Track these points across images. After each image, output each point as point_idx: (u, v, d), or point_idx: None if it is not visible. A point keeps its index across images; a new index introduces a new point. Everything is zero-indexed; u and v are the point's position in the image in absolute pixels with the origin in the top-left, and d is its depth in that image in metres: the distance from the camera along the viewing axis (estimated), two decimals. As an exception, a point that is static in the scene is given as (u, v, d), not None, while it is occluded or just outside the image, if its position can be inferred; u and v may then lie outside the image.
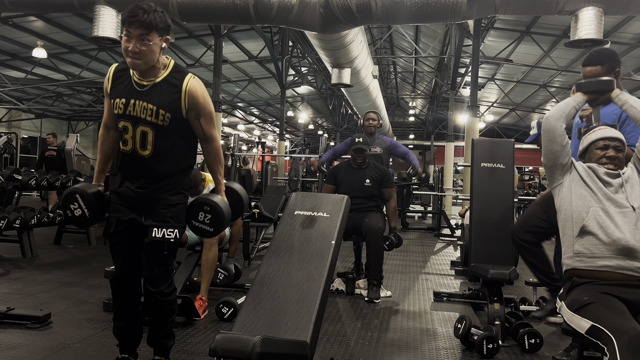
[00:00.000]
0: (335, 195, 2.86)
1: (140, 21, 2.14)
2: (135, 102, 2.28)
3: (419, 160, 5.60)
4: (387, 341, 3.32)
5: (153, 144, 2.31)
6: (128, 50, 2.19)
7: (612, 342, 1.84)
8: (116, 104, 2.31)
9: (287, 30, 14.39)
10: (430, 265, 6.49)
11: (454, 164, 16.11)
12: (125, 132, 2.32)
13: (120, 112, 2.31)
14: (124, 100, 2.29)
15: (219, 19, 6.89)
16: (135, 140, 2.31)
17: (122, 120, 2.32)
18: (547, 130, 2.46)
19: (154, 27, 2.17)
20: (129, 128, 2.31)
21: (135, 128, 2.30)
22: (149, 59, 2.21)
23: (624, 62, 12.67)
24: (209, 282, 3.83)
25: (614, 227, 2.21)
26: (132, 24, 2.15)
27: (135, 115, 2.29)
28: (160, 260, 2.36)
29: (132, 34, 2.16)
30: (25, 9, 7.87)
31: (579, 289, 2.19)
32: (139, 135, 2.30)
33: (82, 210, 2.39)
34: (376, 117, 5.32)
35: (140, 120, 2.29)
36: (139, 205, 2.37)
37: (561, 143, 2.42)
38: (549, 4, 5.79)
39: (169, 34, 2.28)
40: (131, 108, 2.28)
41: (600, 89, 2.60)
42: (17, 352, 2.82)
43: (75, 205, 2.39)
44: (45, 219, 5.93)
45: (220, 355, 2.04)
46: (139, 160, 2.34)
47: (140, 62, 2.20)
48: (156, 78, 2.30)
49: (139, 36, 2.16)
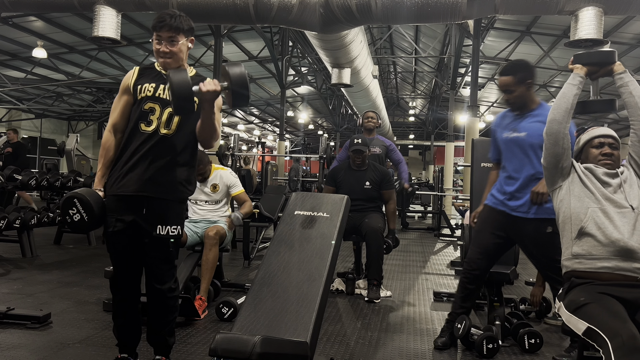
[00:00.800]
0: (335, 195, 2.86)
1: (169, 25, 2.36)
2: (165, 87, 2.43)
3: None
4: (387, 341, 3.32)
5: (178, 124, 2.42)
6: (160, 52, 2.40)
7: (607, 344, 1.84)
8: (145, 87, 2.43)
9: (287, 30, 14.40)
10: (430, 265, 6.49)
11: (454, 164, 16.12)
12: (152, 113, 2.41)
13: (149, 94, 2.42)
14: (153, 85, 2.44)
15: (218, 19, 6.90)
16: (161, 120, 2.41)
17: (149, 102, 2.42)
18: (551, 134, 2.40)
19: (180, 30, 2.39)
20: (157, 109, 2.41)
21: (164, 109, 2.41)
22: (178, 58, 2.42)
23: (624, 62, 12.65)
24: (209, 283, 3.83)
25: (612, 228, 2.20)
26: (161, 28, 2.36)
27: (165, 98, 2.41)
28: (165, 258, 2.42)
29: (162, 37, 2.38)
30: (25, 9, 7.87)
31: (577, 290, 2.19)
32: (166, 116, 2.41)
33: (81, 215, 2.39)
34: (375, 116, 5.32)
35: (169, 103, 2.38)
36: (141, 201, 2.38)
37: (563, 146, 2.40)
38: (549, 4, 5.79)
39: (193, 35, 2.48)
40: (161, 91, 2.43)
41: (602, 60, 2.47)
42: (17, 352, 2.82)
43: (74, 210, 2.38)
44: (45, 219, 5.93)
45: (220, 355, 2.04)
46: (158, 141, 2.39)
47: (171, 60, 2.41)
48: None
49: (168, 38, 2.38)
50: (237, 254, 6.33)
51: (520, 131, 3.02)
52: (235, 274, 5.28)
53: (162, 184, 2.39)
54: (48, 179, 6.24)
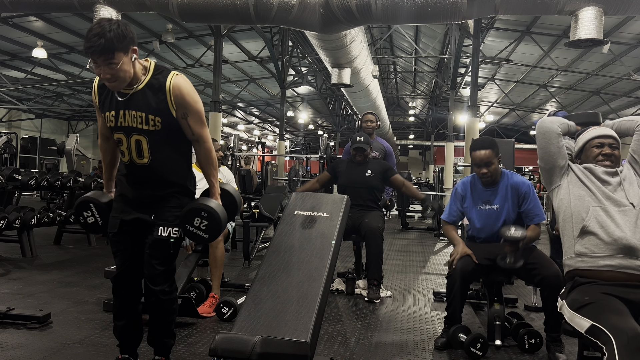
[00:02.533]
0: (335, 195, 2.86)
1: (99, 50, 2.07)
2: (124, 112, 2.25)
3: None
4: (387, 341, 3.32)
5: (150, 152, 2.29)
6: (101, 77, 2.18)
7: (611, 342, 1.84)
8: (107, 117, 2.30)
9: (287, 30, 14.40)
10: (430, 265, 6.49)
11: (454, 164, 16.10)
12: (121, 144, 2.32)
13: (112, 125, 2.30)
14: (113, 113, 2.28)
15: (218, 19, 6.90)
16: (131, 150, 2.30)
17: (115, 133, 2.31)
18: (543, 133, 2.47)
19: (115, 49, 2.09)
20: (123, 139, 2.30)
21: (129, 138, 2.28)
22: (123, 78, 2.17)
23: (623, 62, 12.70)
24: (220, 280, 3.88)
25: (614, 227, 2.21)
26: (93, 53, 2.09)
27: (127, 126, 2.27)
28: (163, 259, 2.37)
29: (98, 62, 2.12)
30: (25, 9, 7.87)
31: (580, 289, 2.19)
32: (134, 145, 2.29)
33: (95, 219, 2.46)
34: (374, 119, 5.28)
35: (132, 130, 2.27)
36: (146, 204, 2.38)
37: (557, 145, 2.43)
38: (549, 4, 5.79)
39: (134, 43, 2.19)
40: (122, 119, 2.26)
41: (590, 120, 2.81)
42: (17, 352, 2.82)
43: (89, 213, 2.46)
44: (45, 219, 5.93)
45: (220, 355, 2.04)
46: (139, 170, 2.35)
47: (116, 83, 2.18)
48: (139, 85, 2.25)
49: (104, 62, 2.11)
50: (237, 254, 6.33)
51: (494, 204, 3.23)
52: (235, 274, 5.28)
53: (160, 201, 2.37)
54: (48, 179, 6.24)
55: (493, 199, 3.23)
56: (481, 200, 3.26)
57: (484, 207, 3.25)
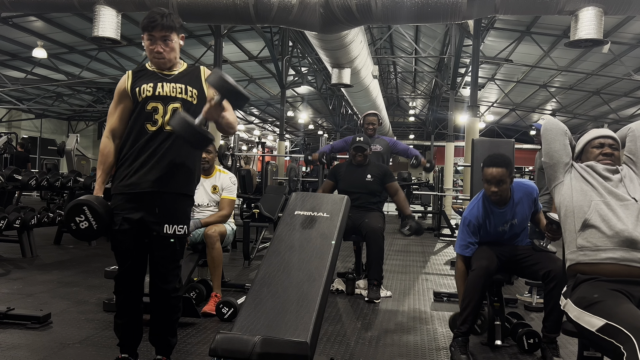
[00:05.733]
0: (335, 195, 2.86)
1: (162, 25, 2.35)
2: (163, 84, 2.42)
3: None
4: (387, 341, 3.32)
5: None
6: (154, 52, 2.39)
7: (631, 341, 1.80)
8: (143, 89, 2.41)
9: (287, 30, 14.39)
10: (430, 265, 6.49)
11: (454, 164, 16.11)
12: (156, 113, 2.41)
13: (148, 95, 2.40)
14: (151, 84, 2.42)
15: (219, 19, 6.90)
16: (165, 118, 2.39)
17: (151, 102, 2.41)
18: (549, 129, 2.48)
19: (173, 28, 2.39)
20: (160, 108, 2.40)
21: (166, 106, 2.40)
22: (172, 56, 2.43)
23: (624, 62, 12.71)
24: (220, 279, 3.88)
25: (616, 220, 2.21)
26: (154, 28, 2.35)
27: (165, 95, 2.41)
28: (172, 257, 2.43)
29: (155, 37, 2.37)
30: (25, 9, 7.88)
31: (586, 286, 2.16)
32: (170, 112, 2.38)
33: (89, 223, 2.35)
34: (375, 120, 5.28)
35: (170, 99, 2.41)
36: (153, 199, 2.38)
37: (563, 142, 2.44)
38: (549, 4, 5.79)
39: (183, 32, 2.49)
40: (160, 89, 2.42)
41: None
42: (17, 352, 2.82)
43: (82, 217, 2.34)
44: (45, 219, 5.93)
45: (220, 355, 2.04)
46: (164, 138, 2.39)
47: (166, 59, 2.41)
48: (179, 69, 2.50)
49: (161, 38, 2.38)
50: (237, 254, 6.33)
51: (515, 219, 3.19)
52: (235, 274, 5.28)
53: (172, 178, 2.40)
54: (48, 179, 6.24)
55: (512, 216, 3.17)
56: (501, 222, 3.18)
57: (506, 226, 3.19)
